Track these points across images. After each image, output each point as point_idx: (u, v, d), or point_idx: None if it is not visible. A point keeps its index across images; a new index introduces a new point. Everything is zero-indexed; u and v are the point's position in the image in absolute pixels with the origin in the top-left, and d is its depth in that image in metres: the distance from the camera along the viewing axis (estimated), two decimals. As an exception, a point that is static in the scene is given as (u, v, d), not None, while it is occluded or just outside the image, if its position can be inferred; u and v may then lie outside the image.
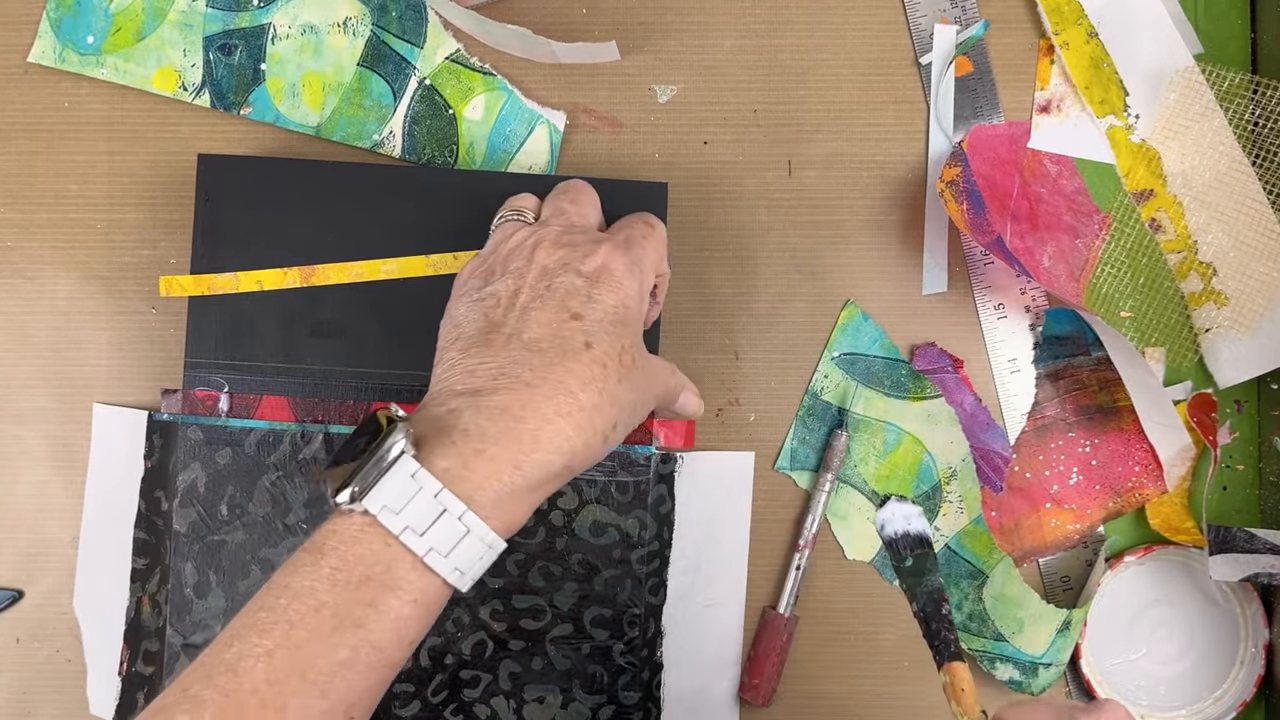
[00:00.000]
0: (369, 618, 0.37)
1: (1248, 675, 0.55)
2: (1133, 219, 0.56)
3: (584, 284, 0.42)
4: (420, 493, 0.38)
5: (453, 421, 0.39)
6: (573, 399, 0.40)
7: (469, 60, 0.56)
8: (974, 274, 0.56)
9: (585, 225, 0.46)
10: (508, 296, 0.43)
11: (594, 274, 0.43)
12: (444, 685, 0.53)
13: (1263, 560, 0.52)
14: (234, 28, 0.55)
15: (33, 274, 0.56)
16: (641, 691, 0.53)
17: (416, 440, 0.39)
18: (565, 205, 0.47)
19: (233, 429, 0.53)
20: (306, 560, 0.38)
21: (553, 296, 0.42)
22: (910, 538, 0.44)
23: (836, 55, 0.56)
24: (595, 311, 0.42)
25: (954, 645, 0.43)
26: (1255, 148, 0.55)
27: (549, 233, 0.44)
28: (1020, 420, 0.56)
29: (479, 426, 0.39)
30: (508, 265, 0.44)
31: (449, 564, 0.38)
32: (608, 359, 0.41)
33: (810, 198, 0.56)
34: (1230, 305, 0.55)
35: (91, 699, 0.54)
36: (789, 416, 0.56)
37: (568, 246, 0.43)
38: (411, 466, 0.38)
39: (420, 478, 0.38)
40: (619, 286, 0.43)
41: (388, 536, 0.38)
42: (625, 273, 0.43)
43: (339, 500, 0.38)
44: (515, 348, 0.41)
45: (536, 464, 0.39)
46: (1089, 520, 0.56)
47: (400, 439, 0.38)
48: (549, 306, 0.42)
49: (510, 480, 0.39)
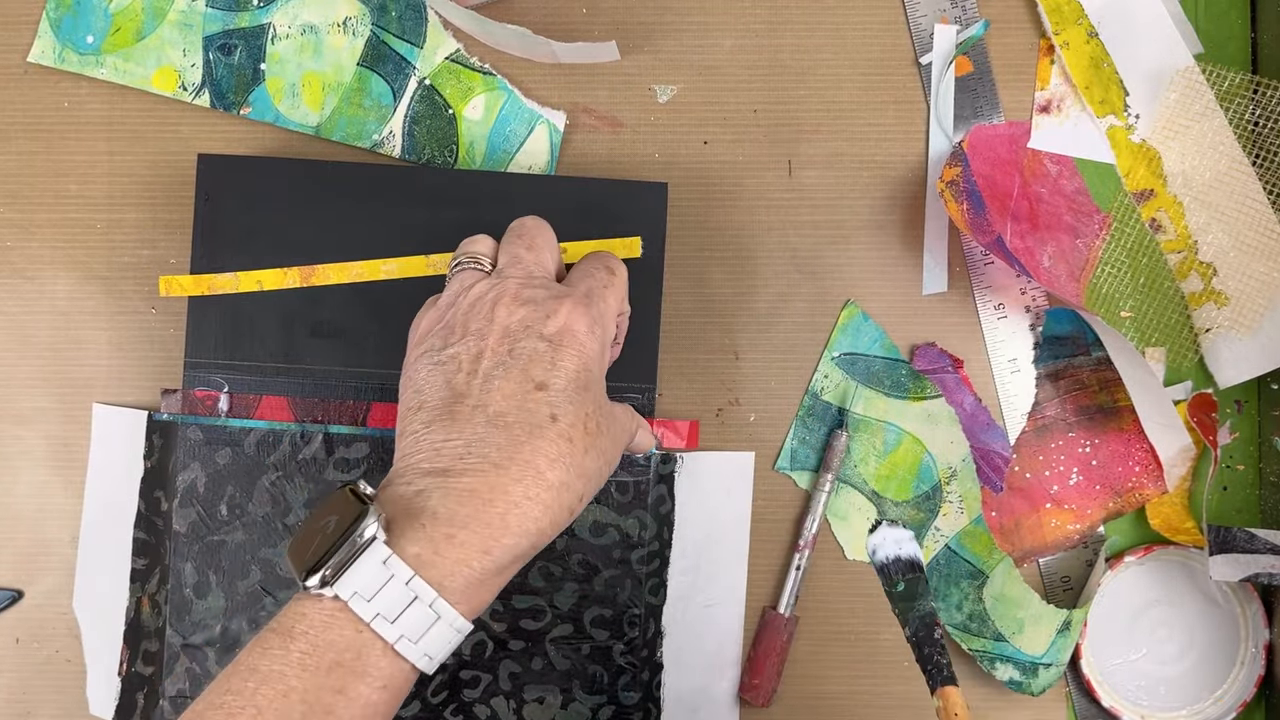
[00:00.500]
0: (338, 704, 0.37)
1: (1248, 675, 0.55)
2: (1133, 219, 0.56)
3: (547, 348, 0.41)
4: (392, 580, 0.37)
5: (421, 504, 0.39)
6: (541, 479, 0.40)
7: (469, 60, 0.56)
8: (974, 274, 0.56)
9: (544, 273, 0.45)
10: (470, 361, 0.42)
11: (556, 336, 0.42)
12: (444, 685, 0.53)
13: (1263, 560, 0.52)
14: (234, 28, 0.55)
15: (33, 274, 0.56)
16: (641, 691, 0.53)
17: (386, 523, 0.39)
18: (521, 252, 0.45)
19: (232, 429, 0.53)
20: (275, 643, 0.37)
21: (516, 364, 0.41)
22: (902, 562, 0.44)
23: (836, 55, 0.56)
24: (559, 379, 0.41)
25: (947, 670, 0.43)
26: (1255, 148, 0.55)
27: (508, 287, 0.43)
28: (1020, 420, 0.56)
29: (448, 510, 0.39)
30: (468, 324, 0.43)
31: (418, 650, 0.38)
32: (574, 431, 0.41)
33: (810, 198, 0.56)
34: (1230, 305, 0.55)
35: (91, 699, 0.54)
36: (789, 416, 0.56)
37: (529, 304, 0.42)
38: (383, 553, 0.38)
39: (392, 564, 0.38)
40: (582, 349, 0.42)
41: (359, 623, 0.37)
42: (588, 333, 0.42)
43: (309, 584, 0.38)
44: (480, 422, 0.40)
45: (505, 548, 0.39)
46: (1089, 520, 0.56)
47: (372, 523, 0.38)
48: (512, 375, 0.41)
49: (480, 566, 0.39)
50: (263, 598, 0.53)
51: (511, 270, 0.44)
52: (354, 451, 0.53)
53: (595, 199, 0.53)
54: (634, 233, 0.53)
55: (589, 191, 0.54)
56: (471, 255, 0.46)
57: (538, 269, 0.45)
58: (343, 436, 0.53)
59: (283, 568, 0.53)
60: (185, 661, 0.52)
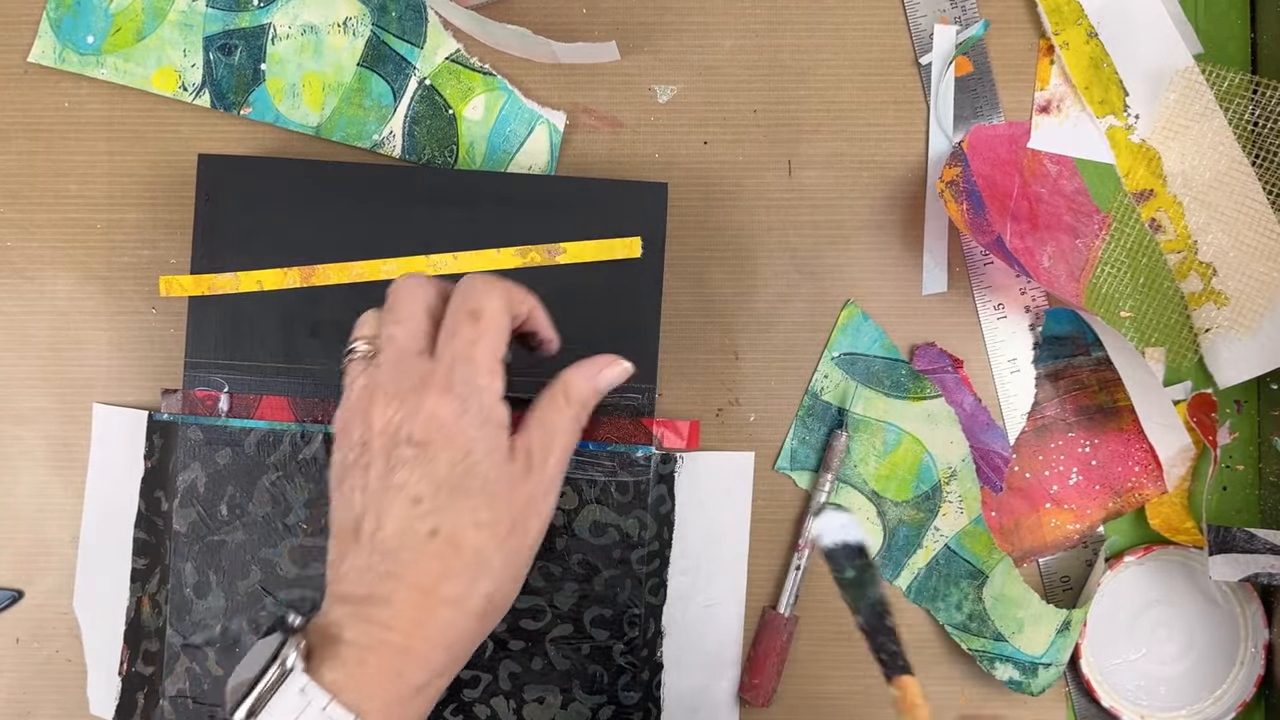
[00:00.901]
0: None
1: (1247, 675, 0.55)
2: (1133, 219, 0.56)
3: (415, 455, 0.41)
4: (309, 707, 0.38)
5: (336, 632, 0.40)
6: (432, 598, 0.40)
7: (469, 60, 0.56)
8: (974, 274, 0.56)
9: (418, 345, 0.43)
10: (360, 476, 0.42)
11: (424, 436, 0.41)
12: (444, 685, 0.53)
13: (1262, 560, 0.52)
14: (234, 28, 0.55)
15: (33, 274, 0.56)
16: (641, 691, 0.53)
17: (308, 650, 0.39)
18: (392, 330, 0.43)
19: (233, 429, 0.53)
20: None
21: (395, 478, 0.41)
22: (849, 548, 0.43)
23: (836, 55, 0.56)
24: (432, 487, 0.41)
25: (902, 659, 0.42)
26: (1255, 148, 0.55)
27: (380, 381, 0.42)
28: (1020, 420, 0.56)
29: (356, 636, 0.40)
30: (352, 431, 0.42)
31: None
32: (459, 536, 0.41)
33: (810, 198, 0.56)
34: (1230, 305, 0.55)
35: (91, 699, 0.54)
36: (789, 416, 0.56)
37: (397, 400, 0.41)
38: (301, 680, 0.38)
39: (309, 691, 0.38)
40: (451, 440, 0.41)
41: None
42: (456, 418, 0.41)
43: (235, 718, 0.39)
44: (372, 551, 0.41)
45: (417, 668, 0.40)
46: (1089, 520, 0.56)
47: (292, 652, 0.39)
48: (394, 497, 0.41)
49: (395, 688, 0.39)
50: (263, 598, 0.53)
51: (384, 355, 0.43)
52: (354, 451, 0.53)
53: (595, 199, 0.53)
54: (634, 233, 0.53)
55: (589, 191, 0.54)
56: (357, 339, 0.45)
57: (412, 342, 0.43)
58: (343, 436, 0.53)
59: (283, 567, 0.53)
60: (185, 661, 0.52)
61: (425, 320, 0.44)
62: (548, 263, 0.53)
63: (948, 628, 0.55)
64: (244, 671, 0.39)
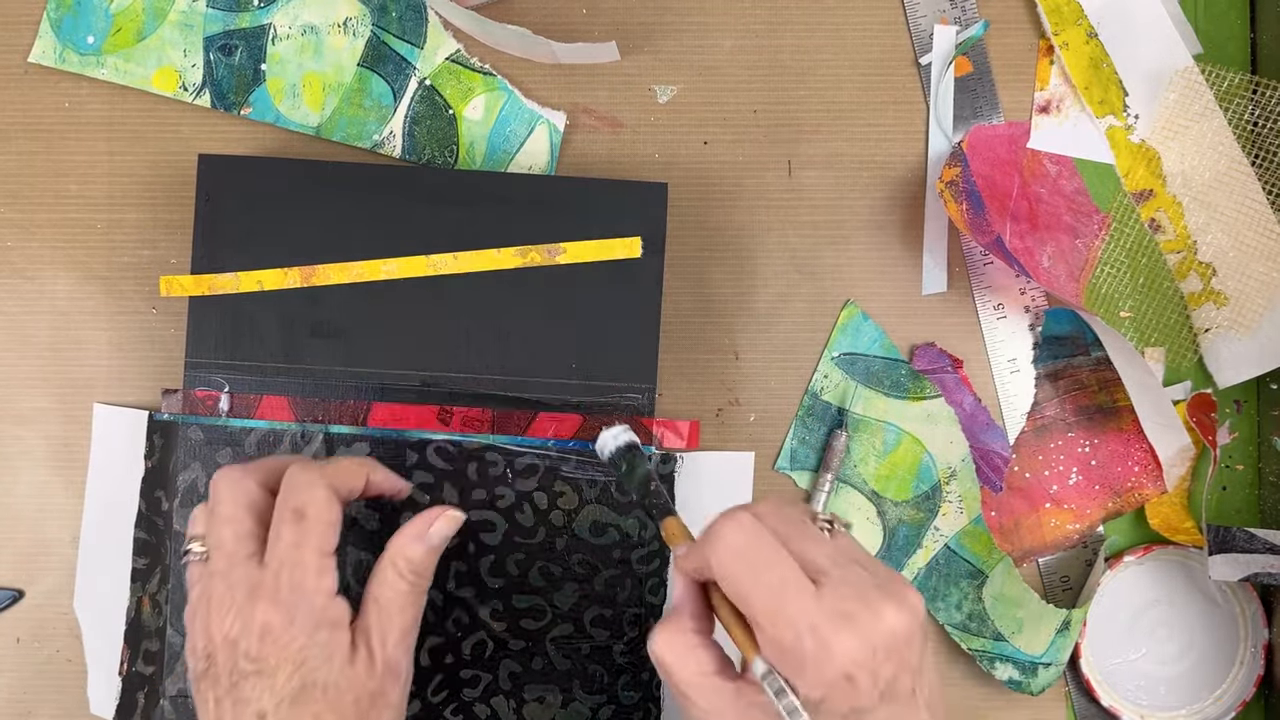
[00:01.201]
0: None
1: (1247, 675, 0.55)
2: (1132, 219, 0.56)
3: (255, 668, 0.41)
4: None
5: None
6: None
7: (469, 60, 0.56)
8: (974, 274, 0.56)
9: (244, 550, 0.43)
10: (212, 693, 0.42)
11: (259, 653, 0.41)
12: (444, 685, 0.53)
13: (1262, 560, 0.52)
14: (234, 28, 0.55)
15: (33, 274, 0.56)
16: (641, 691, 0.53)
17: None
18: (220, 533, 0.43)
19: (233, 429, 0.53)
20: None
21: (239, 693, 0.41)
22: (622, 449, 0.48)
23: (836, 55, 0.56)
24: (274, 699, 0.41)
25: (664, 504, 0.46)
26: (1255, 148, 0.55)
27: (213, 592, 0.42)
28: (1020, 420, 0.56)
29: None
30: (197, 644, 0.42)
31: None
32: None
33: (810, 198, 0.56)
34: (1230, 305, 0.55)
35: (92, 699, 0.54)
36: (789, 416, 0.56)
37: (232, 612, 0.42)
38: None
39: None
40: (285, 651, 0.41)
41: None
42: (285, 628, 0.41)
43: None
44: None
45: None
46: (1088, 520, 0.56)
47: None
48: (242, 711, 0.41)
49: None
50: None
51: (214, 562, 0.43)
52: (354, 451, 0.53)
53: (595, 199, 0.53)
54: (634, 233, 0.53)
55: (589, 192, 0.54)
56: (191, 541, 0.45)
57: (239, 546, 0.43)
58: (343, 436, 0.53)
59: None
60: (185, 661, 0.52)
61: (249, 519, 0.43)
62: (548, 263, 0.53)
63: (947, 628, 0.55)
64: None
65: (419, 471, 0.52)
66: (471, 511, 0.52)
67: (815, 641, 0.36)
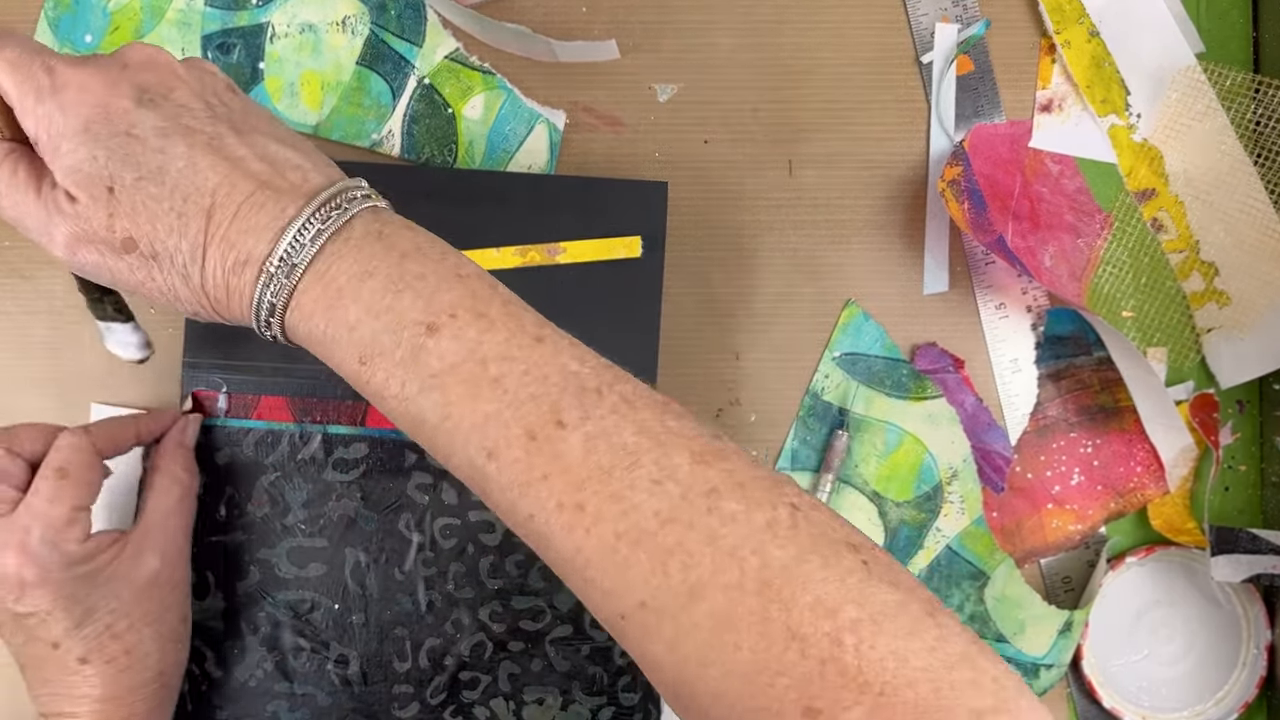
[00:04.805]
0: None
1: (1250, 676, 0.55)
2: (1134, 218, 0.56)
3: (25, 610, 0.44)
4: None
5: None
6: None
7: (468, 59, 0.56)
8: (975, 274, 0.56)
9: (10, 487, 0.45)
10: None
11: (21, 605, 0.44)
12: (443, 687, 0.52)
13: (1265, 561, 0.51)
14: (232, 26, 0.55)
15: (30, 273, 0.56)
16: (641, 692, 0.53)
17: None
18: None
19: (231, 429, 0.53)
20: None
21: (30, 635, 0.45)
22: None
23: (837, 54, 0.56)
24: (61, 630, 0.45)
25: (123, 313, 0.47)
26: (1257, 147, 0.55)
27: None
28: (1022, 420, 0.56)
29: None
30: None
31: None
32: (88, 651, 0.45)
33: (811, 197, 0.56)
34: (1232, 305, 0.55)
35: (89, 700, 0.54)
36: (789, 416, 0.55)
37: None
38: None
39: None
40: (30, 596, 0.44)
41: None
42: (40, 577, 0.44)
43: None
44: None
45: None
46: (1091, 521, 0.56)
47: None
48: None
49: None
50: (261, 599, 0.53)
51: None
52: (352, 452, 0.53)
53: (595, 199, 0.53)
54: (634, 232, 0.53)
55: (589, 191, 0.53)
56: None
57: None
58: (341, 437, 0.53)
59: (281, 568, 0.53)
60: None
61: (20, 483, 0.46)
62: (548, 262, 0.53)
63: (949, 629, 0.54)
64: None
65: (418, 472, 0.52)
66: (471, 512, 0.52)
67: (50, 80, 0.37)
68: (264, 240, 0.36)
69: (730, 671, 0.31)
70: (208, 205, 0.36)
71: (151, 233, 0.36)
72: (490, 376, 0.34)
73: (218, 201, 0.36)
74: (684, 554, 0.32)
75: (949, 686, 0.30)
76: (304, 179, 0.37)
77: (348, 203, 0.37)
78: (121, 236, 0.36)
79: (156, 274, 0.37)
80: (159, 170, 0.36)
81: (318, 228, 0.36)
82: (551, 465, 0.33)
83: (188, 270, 0.37)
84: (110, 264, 0.37)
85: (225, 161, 0.37)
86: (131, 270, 0.37)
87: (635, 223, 0.53)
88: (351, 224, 0.37)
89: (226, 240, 0.36)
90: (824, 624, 0.31)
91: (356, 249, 0.36)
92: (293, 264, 0.36)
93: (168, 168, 0.36)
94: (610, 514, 0.33)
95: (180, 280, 0.37)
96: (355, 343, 0.36)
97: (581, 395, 0.34)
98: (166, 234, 0.36)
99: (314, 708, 0.53)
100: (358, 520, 0.52)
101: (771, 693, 0.31)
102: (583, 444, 0.33)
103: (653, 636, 0.33)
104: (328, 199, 0.37)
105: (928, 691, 0.30)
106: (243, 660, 0.53)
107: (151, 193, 0.36)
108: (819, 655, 0.30)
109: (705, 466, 0.33)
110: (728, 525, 0.32)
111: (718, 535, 0.32)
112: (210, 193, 0.36)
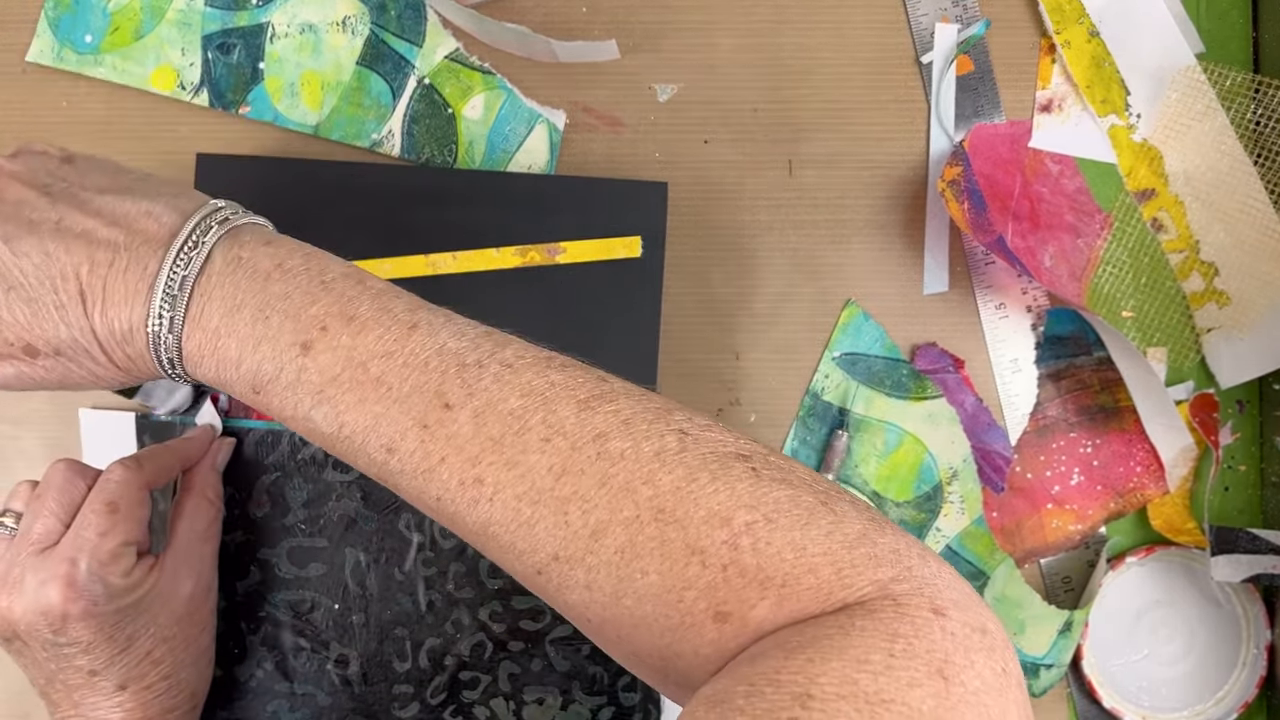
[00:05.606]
0: None
1: (1250, 676, 0.55)
2: (1134, 218, 0.56)
3: (64, 641, 0.44)
4: None
5: None
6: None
7: (468, 59, 0.56)
8: (975, 274, 0.56)
9: (44, 541, 0.45)
10: (29, 658, 0.45)
11: (61, 636, 0.44)
12: (443, 687, 0.52)
13: (1264, 561, 0.51)
14: (232, 26, 0.55)
15: (31, 274, 0.55)
16: (641, 692, 0.53)
17: None
18: (33, 523, 0.45)
19: (231, 429, 0.53)
20: None
21: (63, 663, 0.45)
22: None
23: (837, 54, 0.56)
24: (102, 660, 0.44)
25: None
26: (1257, 147, 0.55)
27: (9, 574, 0.44)
28: (1022, 420, 0.56)
29: None
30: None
31: None
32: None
33: (811, 197, 0.56)
34: (1232, 305, 0.55)
35: (89, 700, 0.54)
36: (789, 417, 0.55)
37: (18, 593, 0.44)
38: None
39: None
40: (72, 628, 0.44)
41: None
42: (86, 611, 0.44)
43: None
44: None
45: None
46: (1090, 521, 0.55)
47: None
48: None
49: None
50: (262, 599, 0.53)
51: (15, 546, 0.45)
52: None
53: (595, 199, 0.53)
54: (634, 232, 0.53)
55: (589, 191, 0.53)
56: (4, 514, 0.47)
57: (44, 540, 0.45)
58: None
59: (281, 568, 0.52)
60: None
61: (63, 522, 0.45)
62: (548, 262, 0.53)
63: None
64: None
65: (418, 472, 0.52)
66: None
67: None
68: (138, 305, 0.37)
69: (643, 597, 0.33)
70: (77, 289, 0.37)
71: (43, 334, 0.37)
72: (372, 377, 0.35)
73: (84, 282, 0.37)
74: (580, 501, 0.33)
75: (849, 565, 0.32)
76: (158, 225, 0.38)
77: (203, 235, 0.37)
78: (20, 346, 0.37)
79: (72, 367, 0.38)
80: (22, 275, 0.37)
81: (181, 274, 0.37)
82: (447, 447, 0.35)
83: (91, 354, 0.38)
84: (29, 372, 0.38)
85: (77, 240, 0.37)
86: (49, 371, 0.38)
87: (635, 223, 0.53)
88: (212, 258, 0.37)
89: (106, 316, 0.37)
90: (719, 533, 0.32)
91: (220, 285, 0.37)
92: (170, 318, 0.36)
93: (27, 269, 0.37)
94: (508, 480, 0.34)
95: (93, 363, 0.38)
96: (244, 377, 0.36)
97: (463, 372, 0.35)
98: (55, 329, 0.37)
99: (314, 707, 0.53)
100: (358, 520, 0.52)
101: (683, 607, 0.32)
102: (472, 420, 0.34)
103: (570, 584, 0.34)
104: (185, 240, 0.37)
105: (829, 574, 0.32)
106: (243, 660, 0.53)
107: (25, 297, 0.37)
108: (719, 562, 0.32)
109: (591, 413, 0.34)
110: (617, 464, 0.33)
111: (609, 476, 0.33)
112: (74, 276, 0.37)
